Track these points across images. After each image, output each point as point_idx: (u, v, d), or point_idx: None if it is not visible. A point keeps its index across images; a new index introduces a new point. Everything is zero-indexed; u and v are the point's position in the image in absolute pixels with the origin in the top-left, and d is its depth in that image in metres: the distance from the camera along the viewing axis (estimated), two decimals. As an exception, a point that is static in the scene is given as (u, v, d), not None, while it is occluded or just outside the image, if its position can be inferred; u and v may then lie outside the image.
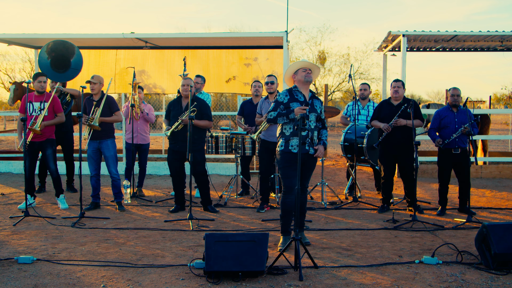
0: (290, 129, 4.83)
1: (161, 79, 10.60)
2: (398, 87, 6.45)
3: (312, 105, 4.90)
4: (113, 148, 6.66)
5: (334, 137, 17.55)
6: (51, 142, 6.65)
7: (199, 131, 6.41)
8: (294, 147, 4.79)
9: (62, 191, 6.86)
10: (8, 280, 3.97)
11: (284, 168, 4.85)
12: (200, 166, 6.45)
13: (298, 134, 4.47)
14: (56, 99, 6.66)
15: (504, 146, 16.49)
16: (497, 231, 4.26)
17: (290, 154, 4.81)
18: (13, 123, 23.66)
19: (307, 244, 4.90)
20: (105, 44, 10.54)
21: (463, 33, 9.34)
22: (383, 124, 6.38)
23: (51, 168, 6.66)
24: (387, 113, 6.44)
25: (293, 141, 4.81)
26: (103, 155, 6.63)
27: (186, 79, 6.36)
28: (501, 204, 7.18)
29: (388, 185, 6.57)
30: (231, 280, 3.93)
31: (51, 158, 6.65)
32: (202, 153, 6.50)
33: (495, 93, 34.13)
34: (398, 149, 6.38)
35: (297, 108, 4.73)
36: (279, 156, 4.90)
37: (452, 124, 6.35)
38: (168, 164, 6.58)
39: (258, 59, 10.26)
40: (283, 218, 4.92)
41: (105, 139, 6.59)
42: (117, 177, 6.68)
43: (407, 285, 3.90)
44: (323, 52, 27.47)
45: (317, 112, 4.90)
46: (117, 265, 4.31)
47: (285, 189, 4.87)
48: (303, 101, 4.85)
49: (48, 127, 6.55)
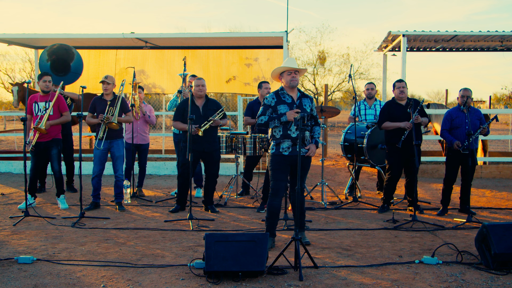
0: (280, 131, 4.79)
1: (161, 79, 10.61)
2: (403, 87, 6.44)
3: (301, 105, 4.86)
4: (123, 148, 6.71)
5: (334, 137, 17.55)
6: (57, 142, 6.65)
7: (216, 131, 6.50)
8: (285, 149, 4.77)
9: (64, 192, 6.87)
10: (8, 280, 3.97)
11: (274, 170, 4.81)
12: (217, 165, 6.51)
13: (298, 135, 4.45)
14: (61, 98, 6.66)
15: (504, 146, 16.50)
16: (497, 231, 4.26)
17: (281, 156, 4.79)
18: (13, 123, 23.65)
19: (307, 244, 4.89)
20: (105, 44, 10.55)
21: (463, 33, 9.34)
22: (403, 123, 6.27)
23: (55, 168, 6.66)
24: (400, 113, 6.34)
25: (284, 143, 4.78)
26: (112, 155, 6.63)
27: (199, 79, 6.38)
28: (501, 204, 7.19)
29: (392, 185, 6.53)
30: (231, 280, 3.93)
31: (56, 158, 6.65)
32: (219, 152, 6.61)
33: (495, 93, 34.16)
34: (411, 149, 6.24)
35: (289, 112, 4.70)
36: (269, 158, 4.88)
37: (464, 125, 6.33)
38: (181, 165, 6.42)
39: (259, 59, 10.26)
40: (268, 219, 4.89)
41: (116, 139, 6.61)
42: (122, 178, 6.71)
43: (407, 285, 3.90)
44: (323, 52, 27.44)
45: (307, 112, 4.85)
46: (117, 265, 4.31)
47: (272, 191, 4.82)
48: (291, 103, 4.81)
49: (54, 126, 6.55)
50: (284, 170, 4.81)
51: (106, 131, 6.49)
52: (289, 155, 4.78)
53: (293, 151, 4.77)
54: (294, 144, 4.77)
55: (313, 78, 27.56)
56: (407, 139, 6.24)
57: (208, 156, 6.39)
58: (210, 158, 6.40)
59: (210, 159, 6.42)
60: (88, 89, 7.11)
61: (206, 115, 6.29)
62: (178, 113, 6.43)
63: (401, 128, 6.30)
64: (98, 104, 6.59)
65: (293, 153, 4.76)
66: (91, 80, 10.71)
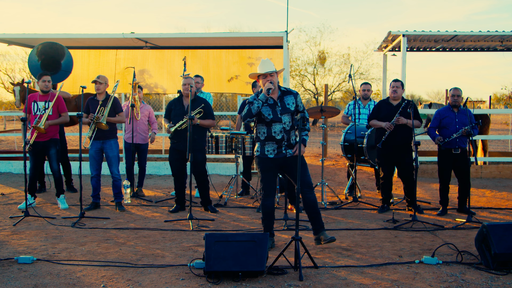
0: (265, 133, 4.72)
1: (161, 79, 10.61)
2: (396, 87, 6.45)
3: (283, 104, 4.73)
4: (116, 149, 6.68)
5: (334, 137, 17.54)
6: (55, 142, 6.66)
7: (201, 130, 6.41)
8: (270, 151, 4.72)
9: (63, 191, 6.87)
10: (8, 280, 3.96)
11: (262, 172, 4.77)
12: (201, 166, 6.45)
13: (298, 135, 4.41)
14: (60, 99, 6.66)
15: (504, 146, 16.49)
16: (497, 231, 4.26)
17: (266, 159, 4.74)
18: (13, 123, 23.64)
19: (332, 240, 4.69)
20: (105, 44, 10.54)
21: (463, 33, 9.33)
22: (385, 123, 6.36)
23: (54, 168, 6.67)
24: (386, 112, 6.43)
25: (269, 145, 4.72)
26: (105, 155, 6.63)
27: (186, 78, 6.35)
28: (501, 204, 7.18)
29: (387, 185, 6.57)
30: (231, 280, 3.93)
31: (54, 158, 6.66)
32: (203, 153, 6.49)
33: (495, 93, 34.15)
34: (397, 149, 6.37)
35: (264, 88, 4.58)
36: (256, 160, 4.82)
37: (453, 125, 6.34)
38: (169, 163, 6.56)
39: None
40: (264, 220, 4.86)
41: (109, 139, 6.60)
42: (119, 177, 6.69)
43: (407, 285, 3.90)
44: (323, 52, 27.47)
45: (291, 111, 4.74)
46: (117, 265, 4.31)
47: (264, 192, 4.79)
48: (273, 104, 4.71)
49: (52, 126, 6.55)
50: (272, 171, 4.75)
51: (95, 130, 6.50)
52: (274, 158, 4.72)
53: (278, 153, 4.71)
54: (279, 146, 4.71)
55: (313, 78, 27.58)
56: (391, 140, 6.30)
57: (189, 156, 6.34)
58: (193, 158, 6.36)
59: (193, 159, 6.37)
60: (88, 89, 7.10)
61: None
62: (166, 112, 6.52)
63: (383, 128, 6.36)
64: (91, 104, 6.61)
65: (279, 156, 4.71)
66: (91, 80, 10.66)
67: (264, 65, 4.73)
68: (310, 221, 4.85)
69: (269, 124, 4.71)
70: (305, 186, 4.72)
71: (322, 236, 4.75)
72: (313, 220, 4.82)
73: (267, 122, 4.71)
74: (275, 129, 4.70)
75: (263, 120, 4.74)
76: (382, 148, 6.46)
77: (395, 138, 6.33)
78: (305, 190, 4.74)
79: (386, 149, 6.42)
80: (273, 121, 4.70)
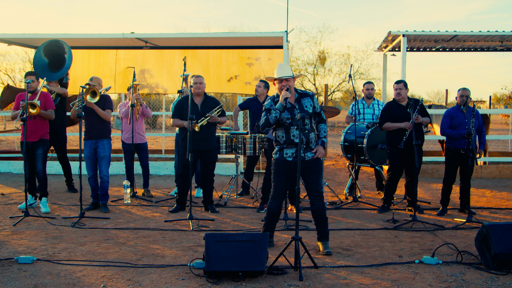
0: (283, 137, 4.66)
1: (161, 79, 10.61)
2: (400, 89, 6.44)
3: (301, 107, 4.67)
4: (108, 149, 6.65)
5: (334, 137, 17.54)
6: (43, 142, 6.60)
7: (215, 129, 6.49)
8: (289, 155, 4.66)
9: (47, 194, 6.69)
10: (8, 280, 3.97)
11: (276, 174, 4.71)
12: (213, 165, 6.52)
13: (298, 136, 4.38)
14: (47, 95, 6.62)
15: (504, 146, 16.48)
16: (497, 231, 4.26)
17: (284, 162, 4.67)
18: (13, 123, 23.61)
19: (328, 253, 4.65)
20: (105, 44, 10.54)
21: (463, 33, 9.33)
22: (404, 123, 6.26)
23: (38, 168, 6.56)
24: (400, 113, 6.35)
25: (288, 149, 4.65)
26: (97, 154, 6.59)
27: (197, 77, 6.37)
28: (501, 204, 7.18)
29: (393, 185, 6.53)
30: (231, 280, 3.93)
31: (40, 158, 6.57)
32: (217, 152, 6.60)
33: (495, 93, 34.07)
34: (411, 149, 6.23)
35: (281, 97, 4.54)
36: (273, 161, 4.77)
37: (463, 125, 6.33)
38: (181, 165, 6.39)
39: (260, 58, 10.26)
40: (266, 220, 4.83)
41: (102, 139, 6.59)
42: (107, 179, 6.62)
43: (407, 285, 3.90)
44: (323, 52, 27.43)
45: (309, 113, 4.69)
46: (117, 265, 4.31)
47: (273, 194, 4.73)
48: (291, 107, 4.65)
49: (41, 126, 6.49)
50: (287, 175, 4.69)
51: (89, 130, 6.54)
52: (293, 161, 4.65)
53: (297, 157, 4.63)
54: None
55: (313, 78, 27.56)
56: (408, 140, 6.23)
57: (206, 154, 6.38)
58: (207, 157, 6.40)
59: (207, 159, 6.40)
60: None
61: (205, 112, 6.30)
62: (176, 111, 6.46)
63: (401, 128, 6.30)
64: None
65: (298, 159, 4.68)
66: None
67: (281, 69, 4.65)
68: (316, 227, 4.84)
69: (288, 127, 4.65)
70: (314, 195, 4.69)
71: (322, 246, 4.73)
72: (318, 227, 4.80)
73: (285, 126, 4.65)
74: (294, 132, 4.63)
75: (281, 124, 4.68)
76: (394, 148, 6.38)
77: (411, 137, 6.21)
78: (314, 199, 4.70)
79: (404, 149, 6.26)
80: (292, 125, 4.64)
